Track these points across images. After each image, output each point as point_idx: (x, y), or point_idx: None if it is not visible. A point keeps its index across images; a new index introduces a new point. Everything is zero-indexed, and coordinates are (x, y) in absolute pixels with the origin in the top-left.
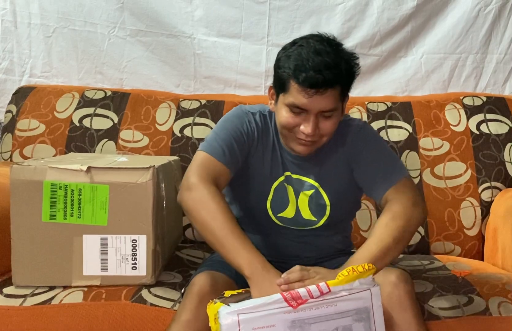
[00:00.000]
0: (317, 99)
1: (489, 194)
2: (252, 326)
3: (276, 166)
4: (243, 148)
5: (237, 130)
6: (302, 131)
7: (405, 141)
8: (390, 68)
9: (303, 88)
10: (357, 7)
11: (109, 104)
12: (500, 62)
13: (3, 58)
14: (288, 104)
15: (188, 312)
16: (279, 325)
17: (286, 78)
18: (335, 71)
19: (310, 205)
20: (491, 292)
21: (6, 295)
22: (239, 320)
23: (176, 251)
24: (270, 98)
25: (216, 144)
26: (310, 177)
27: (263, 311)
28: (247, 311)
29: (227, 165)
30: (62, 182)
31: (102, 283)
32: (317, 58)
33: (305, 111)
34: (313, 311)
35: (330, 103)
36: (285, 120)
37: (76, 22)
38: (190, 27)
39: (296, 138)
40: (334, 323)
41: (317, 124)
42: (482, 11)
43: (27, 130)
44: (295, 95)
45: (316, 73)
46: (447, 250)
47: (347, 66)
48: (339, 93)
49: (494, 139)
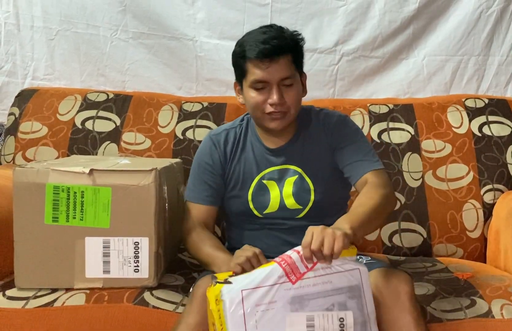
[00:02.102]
0: (273, 68)
1: (492, 196)
2: (255, 303)
3: (252, 167)
4: (216, 179)
5: (206, 167)
6: (270, 103)
7: (407, 143)
8: (392, 70)
9: (258, 62)
10: (358, 9)
11: (112, 107)
12: (502, 64)
13: (6, 61)
14: (250, 84)
15: (196, 315)
16: (280, 301)
17: (242, 63)
18: (280, 39)
19: (294, 191)
20: (493, 295)
21: (9, 297)
22: (243, 297)
23: (178, 253)
24: (237, 94)
25: (193, 191)
26: (293, 164)
27: (265, 287)
28: (249, 287)
29: (209, 203)
30: (65, 185)
31: (104, 286)
32: (262, 36)
33: (267, 84)
34: (310, 288)
35: (285, 70)
36: (253, 100)
37: (79, 25)
38: (192, 29)
39: (267, 114)
40: (330, 299)
41: (281, 94)
42: (484, 13)
43: (29, 132)
44: (254, 72)
45: (264, 44)
46: (449, 252)
47: (291, 36)
48: (291, 61)
49: (496, 141)
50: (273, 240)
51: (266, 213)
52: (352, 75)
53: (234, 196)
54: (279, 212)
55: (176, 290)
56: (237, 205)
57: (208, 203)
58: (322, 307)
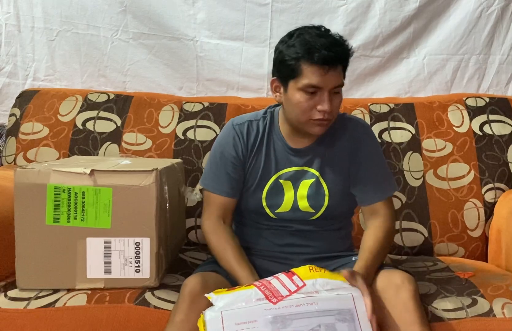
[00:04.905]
0: (331, 75)
1: (493, 195)
2: (235, 322)
3: (271, 164)
4: (239, 172)
5: (229, 158)
6: (320, 110)
7: (408, 143)
8: (392, 70)
9: (318, 67)
10: (359, 9)
11: (112, 107)
12: (503, 62)
13: (7, 62)
14: (302, 87)
15: (180, 313)
16: (261, 321)
17: (296, 63)
18: (342, 48)
19: (309, 194)
20: (495, 294)
21: (10, 298)
22: (222, 317)
23: (180, 253)
24: (274, 91)
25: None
26: (312, 167)
27: (245, 308)
28: (229, 308)
29: (231, 196)
30: (66, 185)
31: (106, 286)
32: (323, 39)
33: (319, 90)
34: (293, 308)
35: (340, 79)
36: (302, 104)
37: (79, 26)
38: (192, 29)
39: (312, 120)
40: (316, 320)
41: (331, 101)
42: (485, 12)
43: (30, 133)
44: (310, 76)
45: (328, 50)
46: (450, 251)
47: (346, 43)
48: (343, 70)
49: (497, 140)
50: (279, 240)
51: (278, 212)
52: (352, 74)
53: (249, 192)
54: (291, 213)
55: (178, 290)
56: (250, 202)
57: (230, 195)
58: (307, 327)
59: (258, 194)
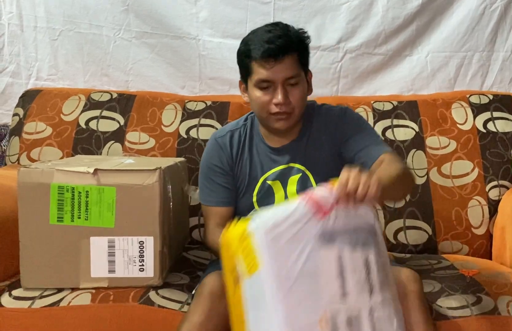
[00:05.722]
0: (278, 68)
1: (497, 192)
2: (285, 239)
3: (257, 168)
4: (229, 180)
5: (217, 170)
6: (275, 103)
7: (412, 140)
8: (395, 67)
9: (263, 62)
10: (361, 6)
11: (115, 106)
12: (507, 59)
13: (10, 62)
14: (255, 83)
15: (200, 314)
16: (307, 239)
17: (247, 62)
18: (285, 39)
19: (298, 190)
20: (499, 291)
21: (15, 297)
22: (275, 227)
23: (183, 252)
24: (242, 93)
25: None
26: (297, 162)
27: (292, 225)
28: (279, 221)
29: (227, 204)
30: (69, 185)
31: (110, 285)
32: (267, 34)
33: (272, 84)
34: (335, 224)
35: (290, 70)
36: (258, 100)
37: (82, 25)
38: (195, 28)
39: (272, 115)
40: (355, 236)
41: (286, 94)
42: (488, 9)
43: (34, 133)
44: (258, 71)
45: (269, 44)
46: (454, 249)
47: (296, 34)
48: (297, 60)
49: (501, 137)
50: None
51: None
52: (355, 72)
53: (240, 198)
54: None
55: (181, 289)
56: (242, 208)
57: (226, 204)
58: (350, 243)
59: (249, 200)
